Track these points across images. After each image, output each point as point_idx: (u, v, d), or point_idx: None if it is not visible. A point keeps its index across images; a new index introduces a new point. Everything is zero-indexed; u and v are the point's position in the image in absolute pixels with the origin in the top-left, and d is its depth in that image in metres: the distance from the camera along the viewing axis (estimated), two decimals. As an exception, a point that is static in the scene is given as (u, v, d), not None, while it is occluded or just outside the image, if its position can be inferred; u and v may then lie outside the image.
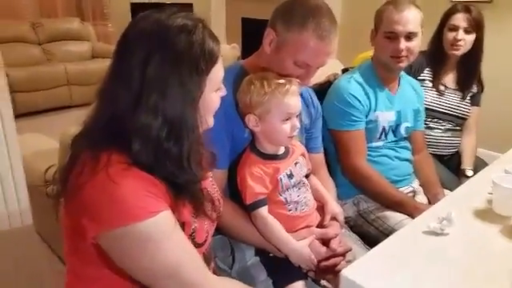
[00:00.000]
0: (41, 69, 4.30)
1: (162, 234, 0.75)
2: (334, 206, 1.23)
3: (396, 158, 1.66)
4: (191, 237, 0.85)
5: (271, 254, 1.14)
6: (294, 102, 1.09)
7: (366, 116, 1.58)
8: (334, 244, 1.12)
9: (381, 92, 1.61)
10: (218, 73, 0.84)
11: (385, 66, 1.59)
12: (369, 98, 1.58)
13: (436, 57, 1.99)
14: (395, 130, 1.66)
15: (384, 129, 1.63)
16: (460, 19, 1.89)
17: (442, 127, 2.01)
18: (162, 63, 0.76)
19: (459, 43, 1.90)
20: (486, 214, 1.11)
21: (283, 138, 1.11)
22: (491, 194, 1.13)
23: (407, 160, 1.70)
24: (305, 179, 1.19)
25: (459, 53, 1.93)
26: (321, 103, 1.50)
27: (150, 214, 0.73)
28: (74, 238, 0.79)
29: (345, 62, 2.05)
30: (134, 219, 0.72)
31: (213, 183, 1.01)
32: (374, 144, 1.63)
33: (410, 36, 1.51)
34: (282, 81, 1.09)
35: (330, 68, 2.35)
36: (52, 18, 5.02)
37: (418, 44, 1.56)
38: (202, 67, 0.79)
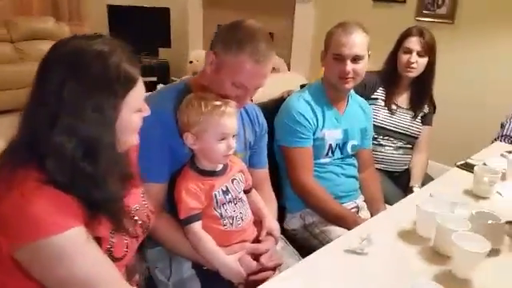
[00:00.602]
0: (10, 68, 4.26)
1: (74, 248, 0.79)
2: (270, 222, 1.27)
3: (342, 174, 1.73)
4: (108, 251, 0.88)
5: (205, 268, 1.18)
6: (229, 123, 1.14)
7: (314, 134, 1.64)
8: (263, 259, 1.16)
9: (329, 111, 1.67)
10: (136, 95, 0.87)
11: (333, 86, 1.65)
12: (316, 116, 1.64)
13: (390, 77, 2.07)
14: (342, 147, 1.73)
15: (331, 146, 1.69)
16: (414, 42, 1.98)
17: (393, 145, 2.08)
18: (77, 87, 0.79)
19: (413, 65, 1.98)
20: (409, 235, 1.18)
21: (219, 156, 1.15)
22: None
23: (353, 177, 1.77)
24: (242, 195, 1.24)
25: (412, 75, 2.01)
26: (273, 119, 1.55)
27: (60, 230, 0.76)
28: None
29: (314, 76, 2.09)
30: (44, 234, 0.75)
31: (143, 199, 1.04)
32: (322, 160, 1.69)
33: (356, 59, 1.58)
34: (218, 102, 1.14)
35: (291, 82, 2.43)
36: (26, 16, 4.97)
37: (364, 66, 1.63)
38: (118, 91, 0.82)
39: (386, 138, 2.08)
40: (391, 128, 2.06)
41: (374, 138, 2.05)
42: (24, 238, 0.76)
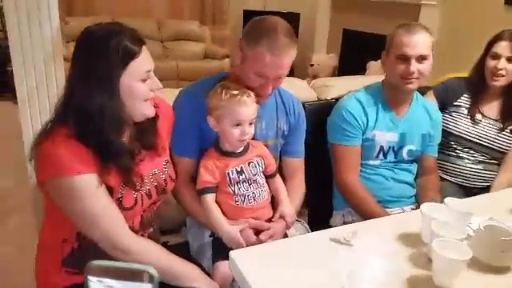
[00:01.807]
0: (156, 64, 4.96)
1: (86, 190, 1.02)
2: (284, 207, 1.35)
3: (392, 178, 1.69)
4: (118, 200, 1.09)
5: (217, 236, 1.33)
6: (244, 111, 1.26)
7: (363, 134, 1.64)
8: (262, 235, 1.25)
9: (384, 113, 1.65)
10: (137, 66, 1.06)
11: (394, 88, 1.63)
12: (367, 116, 1.63)
13: (475, 84, 1.91)
14: (397, 151, 1.68)
15: (382, 148, 1.66)
16: (503, 47, 1.80)
17: (473, 158, 1.91)
18: (85, 61, 1.03)
19: (500, 72, 1.80)
20: (411, 238, 1.14)
21: (233, 140, 1.28)
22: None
23: (406, 183, 1.70)
24: (259, 177, 1.34)
25: (499, 83, 1.83)
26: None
27: (76, 173, 1.00)
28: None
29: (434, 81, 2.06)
30: (63, 174, 1.00)
31: (165, 166, 1.24)
32: (371, 162, 1.68)
33: (420, 58, 1.54)
34: (236, 92, 1.26)
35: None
36: (177, 19, 5.74)
37: (429, 66, 1.58)
38: (118, 62, 1.02)
39: (467, 149, 1.91)
40: (473, 139, 1.89)
41: (453, 149, 1.92)
42: (49, 175, 1.02)
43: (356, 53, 4.68)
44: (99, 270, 0.57)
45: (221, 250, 1.29)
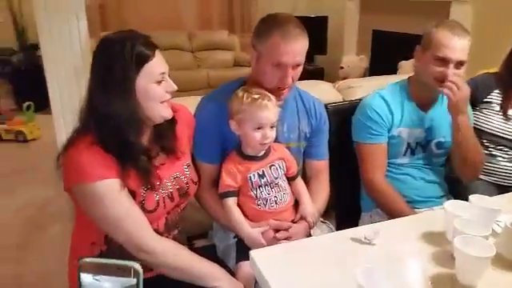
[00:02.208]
0: (188, 73, 5.09)
1: (109, 194, 1.06)
2: (306, 208, 1.35)
3: (421, 178, 1.65)
4: (141, 203, 1.13)
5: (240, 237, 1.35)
6: (265, 115, 1.27)
7: (389, 131, 1.62)
8: (278, 234, 1.26)
9: (409, 109, 1.63)
10: (151, 69, 1.09)
11: (424, 86, 1.58)
12: (392, 113, 1.61)
13: (506, 80, 1.84)
14: (425, 146, 1.65)
15: (409, 145, 1.63)
16: None
17: (508, 156, 1.84)
18: (101, 67, 1.09)
19: (530, 65, 1.74)
20: (435, 237, 1.12)
21: (255, 143, 1.30)
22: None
23: (436, 182, 1.66)
24: (280, 181, 1.35)
25: (530, 76, 1.76)
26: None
27: (99, 178, 1.05)
28: None
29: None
30: (87, 180, 1.05)
31: (187, 170, 1.28)
32: (399, 161, 1.65)
33: (459, 64, 1.50)
34: (257, 96, 1.28)
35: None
36: (206, 30, 5.86)
37: (464, 71, 1.54)
38: (132, 65, 1.06)
39: (500, 147, 1.84)
40: (506, 136, 1.82)
41: (486, 147, 1.86)
42: (73, 181, 1.08)
43: (386, 53, 4.60)
44: (90, 266, 0.60)
45: (244, 250, 1.29)
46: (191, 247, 1.38)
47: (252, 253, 1.06)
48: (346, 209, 1.82)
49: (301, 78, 1.43)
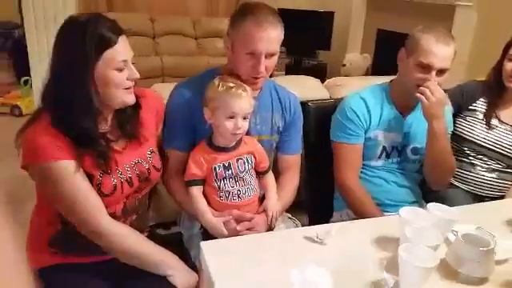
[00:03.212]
0: (190, 60, 5.05)
1: (64, 175, 1.06)
2: (269, 203, 1.35)
3: (394, 182, 1.64)
4: (98, 186, 1.13)
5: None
6: (238, 104, 1.26)
7: (366, 133, 1.60)
8: (239, 225, 1.26)
9: (388, 112, 1.61)
10: (113, 55, 1.08)
11: (406, 91, 1.56)
12: (370, 115, 1.59)
13: (492, 88, 1.82)
14: (401, 150, 1.64)
15: (385, 149, 1.62)
16: None
17: (487, 166, 1.82)
18: (61, 49, 1.08)
19: (517, 75, 1.71)
20: (392, 242, 1.11)
21: (226, 133, 1.29)
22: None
23: (408, 187, 1.65)
24: (246, 174, 1.34)
25: (516, 86, 1.73)
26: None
27: (52, 159, 1.05)
28: None
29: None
30: (42, 160, 1.05)
31: (150, 156, 1.27)
32: (373, 163, 1.64)
33: (442, 71, 1.49)
34: (232, 84, 1.28)
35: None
36: (212, 16, 5.81)
37: (446, 77, 1.52)
38: (92, 50, 1.05)
39: (480, 156, 1.82)
40: (487, 145, 1.80)
41: (466, 155, 1.84)
42: (30, 160, 1.08)
43: (390, 53, 4.51)
44: None
45: (207, 239, 1.31)
46: (153, 234, 1.38)
47: (202, 243, 1.06)
48: (319, 207, 1.81)
49: (304, 72, 1.40)
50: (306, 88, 2.12)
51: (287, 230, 1.22)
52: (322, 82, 2.25)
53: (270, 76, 1.47)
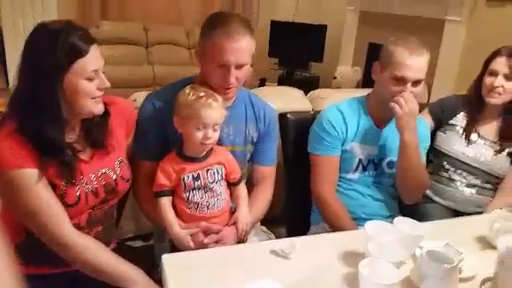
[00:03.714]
0: (183, 69, 5.04)
1: (24, 184, 1.04)
2: (239, 213, 1.33)
3: (369, 195, 1.63)
4: (61, 196, 1.11)
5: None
6: (208, 114, 1.25)
7: (342, 145, 1.59)
8: (206, 238, 1.23)
9: (365, 125, 1.60)
10: (84, 64, 1.07)
11: (382, 104, 1.55)
12: (347, 127, 1.59)
13: (473, 102, 1.82)
14: (377, 163, 1.63)
15: (361, 161, 1.61)
16: (501, 64, 1.71)
17: (466, 181, 1.81)
18: (31, 56, 1.06)
19: (497, 90, 1.71)
20: (355, 257, 1.09)
21: (195, 143, 1.27)
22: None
23: (384, 201, 1.64)
24: (216, 185, 1.32)
25: (496, 101, 1.73)
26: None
27: (15, 167, 1.03)
28: None
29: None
30: (2, 167, 1.03)
31: (119, 166, 1.25)
32: (349, 176, 1.63)
33: (417, 82, 1.49)
34: (203, 94, 1.26)
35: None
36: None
37: (421, 89, 1.52)
38: (63, 59, 1.04)
39: (460, 171, 1.81)
40: (465, 160, 1.79)
41: (445, 170, 1.83)
42: None
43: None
44: None
45: (175, 251, 1.28)
46: (123, 247, 1.35)
47: (163, 256, 1.04)
48: (298, 220, 1.80)
49: (296, 84, 1.38)
50: (289, 99, 2.12)
51: (253, 244, 1.20)
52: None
53: (245, 86, 1.47)
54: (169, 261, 1.02)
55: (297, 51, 5.40)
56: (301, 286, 0.95)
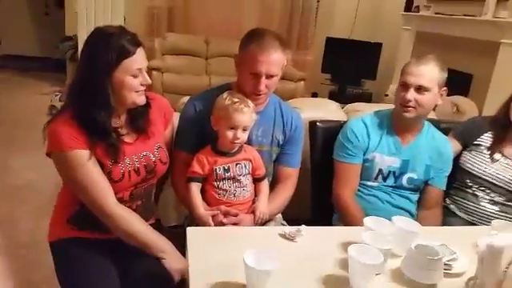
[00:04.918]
0: (200, 80, 5.16)
1: (76, 162, 1.27)
2: (258, 204, 1.51)
3: (387, 202, 1.73)
4: (108, 174, 1.33)
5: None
6: (239, 118, 1.44)
7: (364, 154, 1.72)
8: (224, 219, 1.42)
9: (388, 137, 1.72)
10: (131, 63, 1.27)
11: (398, 114, 1.69)
12: (369, 137, 1.72)
13: (500, 122, 1.86)
14: (397, 176, 1.73)
15: (381, 171, 1.72)
16: None
17: (489, 198, 1.84)
18: (88, 54, 1.30)
19: (523, 111, 1.75)
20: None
21: (226, 141, 1.47)
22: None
23: (402, 209, 1.73)
24: (243, 178, 1.51)
25: (521, 122, 1.77)
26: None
27: (69, 148, 1.26)
28: None
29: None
30: (60, 148, 1.27)
31: (157, 150, 1.46)
32: (369, 183, 1.75)
33: (420, 89, 1.60)
34: (237, 99, 1.46)
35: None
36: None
37: (430, 99, 1.63)
38: (113, 58, 1.26)
39: (482, 189, 1.85)
40: (487, 178, 1.83)
41: (469, 187, 1.88)
42: (51, 148, 1.30)
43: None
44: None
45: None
46: (159, 227, 1.55)
47: (188, 229, 1.23)
48: (321, 221, 1.91)
49: (348, 100, 1.55)
50: (326, 111, 2.27)
51: (265, 228, 1.35)
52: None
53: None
54: (192, 233, 1.21)
55: (350, 68, 5.50)
56: (299, 263, 1.10)
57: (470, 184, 1.87)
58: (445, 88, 1.68)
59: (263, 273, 0.95)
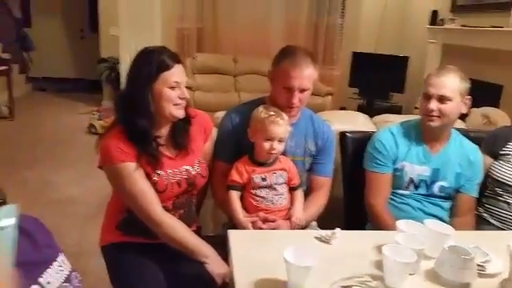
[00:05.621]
0: (230, 96, 5.35)
1: (125, 174, 1.38)
2: (294, 210, 1.59)
3: (420, 209, 1.77)
4: (153, 183, 1.43)
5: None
6: (275, 130, 1.53)
7: (394, 163, 1.77)
8: (263, 224, 1.50)
9: (416, 146, 1.77)
10: (169, 76, 1.40)
11: (423, 123, 1.75)
12: (398, 147, 1.77)
13: (526, 131, 1.88)
14: (429, 185, 1.77)
15: (412, 180, 1.77)
16: None
17: (521, 204, 1.86)
18: (132, 70, 1.43)
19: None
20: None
21: (262, 152, 1.56)
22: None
23: (435, 216, 1.76)
24: (279, 186, 1.59)
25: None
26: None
27: (119, 161, 1.38)
28: None
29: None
30: (111, 162, 1.39)
31: (198, 164, 1.56)
32: (401, 191, 1.79)
33: (442, 99, 1.66)
34: (272, 113, 1.56)
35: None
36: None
37: (453, 108, 1.68)
38: (154, 71, 1.38)
39: (513, 195, 1.88)
40: (512, 184, 1.85)
41: (500, 195, 1.90)
42: (102, 161, 1.42)
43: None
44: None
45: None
46: (200, 234, 1.64)
47: (230, 231, 1.31)
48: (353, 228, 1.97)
49: (377, 113, 1.63)
50: (356, 122, 2.34)
51: (302, 231, 1.42)
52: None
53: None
54: (234, 235, 1.29)
55: (378, 81, 5.53)
56: (334, 262, 1.17)
57: (501, 192, 1.89)
58: (469, 97, 1.72)
59: (303, 269, 1.02)
